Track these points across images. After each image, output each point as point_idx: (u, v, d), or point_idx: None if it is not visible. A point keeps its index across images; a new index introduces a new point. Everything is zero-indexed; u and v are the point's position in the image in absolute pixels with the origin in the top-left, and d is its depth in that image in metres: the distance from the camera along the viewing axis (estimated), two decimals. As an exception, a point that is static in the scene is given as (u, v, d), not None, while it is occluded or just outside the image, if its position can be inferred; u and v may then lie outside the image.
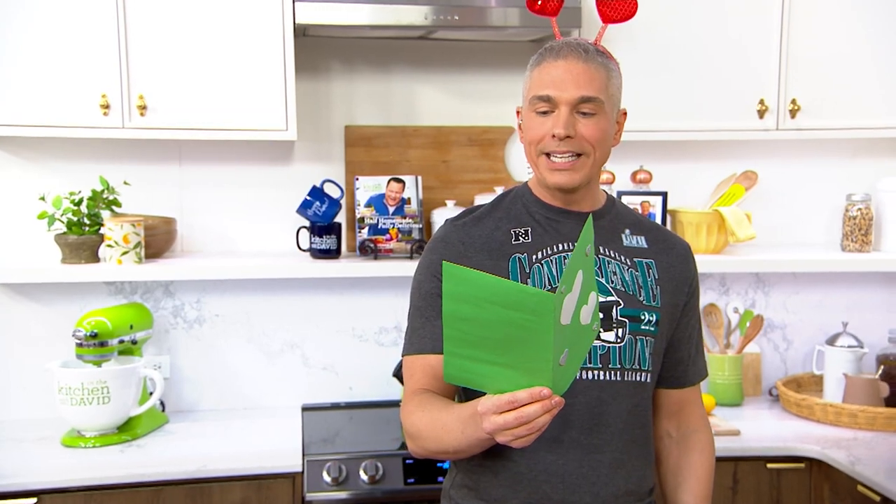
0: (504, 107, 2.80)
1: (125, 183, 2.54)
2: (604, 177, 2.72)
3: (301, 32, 2.54)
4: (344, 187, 2.69)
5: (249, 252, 2.72)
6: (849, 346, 2.67)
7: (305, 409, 2.71)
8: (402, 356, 1.59)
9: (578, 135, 1.47)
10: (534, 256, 1.53)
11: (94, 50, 2.34)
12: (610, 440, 1.50)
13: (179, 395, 2.71)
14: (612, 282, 1.53)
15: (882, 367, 2.63)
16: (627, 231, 1.60)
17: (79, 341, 2.34)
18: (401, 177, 2.62)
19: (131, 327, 2.46)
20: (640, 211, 2.68)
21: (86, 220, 2.47)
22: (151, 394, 2.46)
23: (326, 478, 2.21)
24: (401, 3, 2.38)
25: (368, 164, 2.74)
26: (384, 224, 2.58)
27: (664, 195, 2.69)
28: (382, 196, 2.60)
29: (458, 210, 2.54)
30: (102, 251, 2.46)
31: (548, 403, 1.22)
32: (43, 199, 2.45)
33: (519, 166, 2.85)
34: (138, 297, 2.68)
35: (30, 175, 2.58)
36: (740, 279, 2.93)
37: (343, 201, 2.66)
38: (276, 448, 2.35)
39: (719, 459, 2.34)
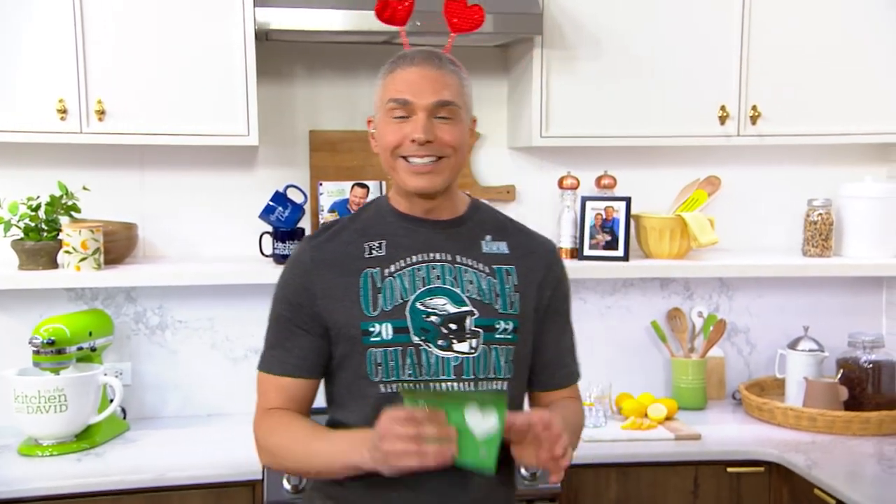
0: (469, 112, 2.79)
1: (84, 188, 2.50)
2: (568, 182, 2.72)
3: (263, 37, 2.51)
4: (309, 192, 2.67)
5: (213, 257, 2.69)
6: (809, 350, 2.69)
7: (269, 415, 2.69)
8: (257, 369, 1.60)
9: (438, 139, 1.48)
10: (386, 270, 1.52)
11: (51, 54, 2.31)
12: None
13: (142, 402, 2.68)
14: (468, 291, 1.52)
15: (841, 370, 2.65)
16: (488, 237, 1.59)
17: (35, 349, 2.31)
18: (365, 182, 2.61)
19: (90, 334, 2.43)
20: (610, 215, 2.69)
21: (43, 226, 2.43)
22: (111, 401, 2.43)
23: (286, 485, 2.18)
24: (362, 9, 2.36)
25: (333, 168, 2.72)
26: (347, 230, 2.55)
27: (628, 200, 2.69)
28: (346, 201, 2.58)
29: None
30: (61, 257, 2.43)
31: (445, 437, 1.30)
32: (-1, 204, 2.42)
33: (485, 171, 2.84)
34: (99, 303, 2.64)
35: (-13, 180, 2.55)
36: (704, 284, 2.94)
37: (307, 206, 2.64)
38: (237, 455, 2.31)
39: (680, 463, 2.39)
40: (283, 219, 2.55)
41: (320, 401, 1.61)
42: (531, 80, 2.56)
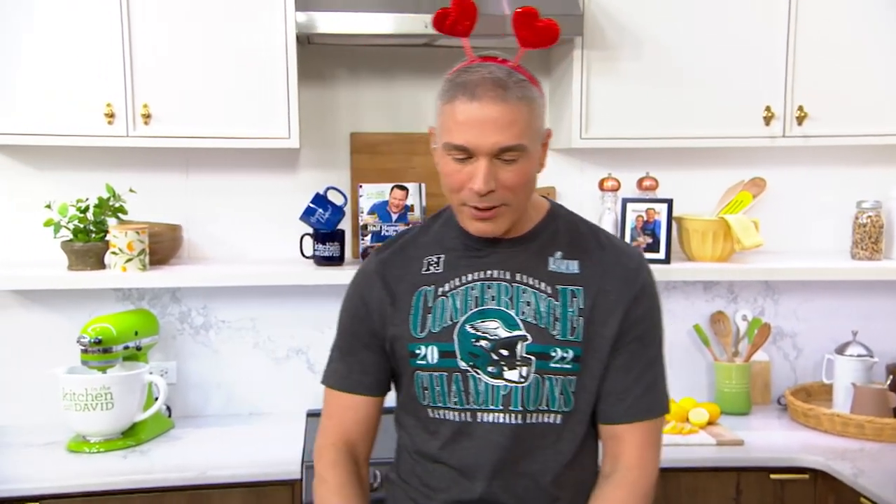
0: (509, 114, 2.78)
1: (131, 190, 2.55)
2: (609, 184, 2.70)
3: (305, 40, 2.54)
4: (349, 194, 2.69)
5: (255, 259, 2.72)
6: (858, 356, 2.62)
7: (311, 414, 2.70)
8: (322, 383, 1.58)
9: (500, 185, 1.34)
10: (440, 289, 1.44)
11: (99, 60, 2.36)
12: (530, 491, 1.42)
13: (186, 401, 2.72)
14: (524, 313, 1.40)
15: (891, 376, 2.58)
16: (559, 254, 1.45)
17: (83, 347, 2.36)
18: (404, 184, 2.61)
19: (136, 333, 2.47)
20: (646, 218, 2.65)
21: (92, 228, 2.48)
22: (156, 399, 2.47)
23: (325, 485, 2.20)
24: (402, 12, 2.37)
25: (373, 171, 2.73)
26: (387, 231, 2.57)
27: (669, 202, 2.66)
28: (386, 203, 2.59)
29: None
30: (108, 258, 2.48)
31: None
32: (49, 206, 2.47)
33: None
34: (145, 303, 2.69)
35: (37, 183, 2.61)
36: (749, 287, 2.88)
37: (347, 208, 2.66)
38: (278, 455, 2.34)
39: (722, 469, 2.34)
40: (323, 221, 2.57)
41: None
42: (571, 81, 2.54)
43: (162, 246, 2.57)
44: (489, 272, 1.43)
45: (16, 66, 2.33)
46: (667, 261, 2.64)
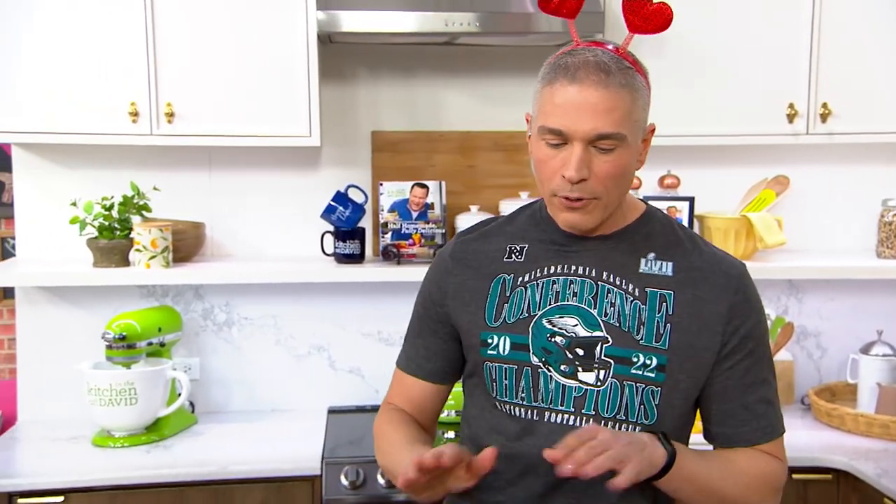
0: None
1: (155, 188, 2.58)
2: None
3: (327, 39, 2.55)
4: (370, 192, 2.70)
5: (277, 256, 2.74)
6: (883, 355, 2.59)
7: (331, 411, 2.72)
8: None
9: (593, 175, 1.26)
10: (520, 278, 1.37)
11: (124, 60, 2.38)
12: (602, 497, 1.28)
13: (208, 397, 2.74)
14: (607, 314, 1.32)
15: (917, 377, 2.55)
16: (651, 255, 1.36)
17: (108, 343, 2.39)
18: (425, 182, 2.61)
19: (159, 330, 2.49)
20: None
21: (116, 225, 2.51)
22: (179, 395, 2.49)
23: (344, 481, 2.21)
24: (422, 10, 2.38)
25: (394, 169, 2.74)
26: (407, 229, 2.57)
27: (691, 200, 2.64)
28: (406, 201, 2.60)
29: (482, 216, 2.53)
30: (132, 255, 2.50)
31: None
32: (74, 204, 2.50)
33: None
34: (169, 300, 2.72)
35: (64, 181, 2.64)
36: (772, 286, 2.85)
37: (368, 206, 2.66)
38: (298, 451, 2.36)
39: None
40: (343, 218, 2.58)
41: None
42: (592, 79, 2.53)
43: (185, 243, 2.59)
44: (574, 267, 1.36)
45: (42, 68, 2.37)
46: (688, 259, 2.62)
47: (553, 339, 1.32)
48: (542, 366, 1.33)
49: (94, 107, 2.39)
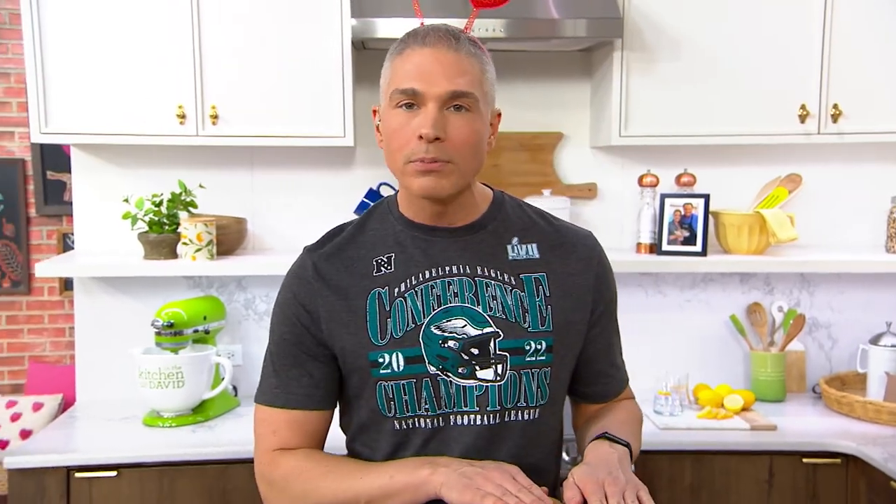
0: (553, 114, 2.79)
1: (200, 186, 2.62)
2: (648, 180, 2.67)
3: (360, 46, 2.57)
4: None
5: (314, 250, 2.76)
6: (892, 346, 2.56)
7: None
8: (256, 403, 1.34)
9: (448, 138, 1.19)
10: (395, 290, 1.26)
11: (172, 66, 2.42)
12: None
13: (250, 381, 2.77)
14: (491, 308, 1.25)
15: (925, 366, 2.51)
16: (515, 240, 1.30)
17: (157, 330, 2.43)
18: (453, 180, 2.62)
19: (205, 318, 2.53)
20: (687, 210, 2.62)
21: (165, 220, 2.55)
22: (223, 379, 2.53)
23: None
24: (451, 17, 2.37)
25: (424, 168, 2.75)
26: (435, 224, 2.58)
27: (706, 197, 2.62)
28: (435, 198, 2.60)
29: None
30: (179, 248, 2.54)
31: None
32: (127, 200, 2.55)
33: (568, 169, 2.82)
34: (214, 290, 2.76)
35: (117, 179, 2.69)
36: (784, 279, 2.83)
37: (399, 203, 2.68)
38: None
39: (755, 453, 2.31)
40: (377, 214, 2.60)
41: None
42: (611, 81, 2.52)
43: (228, 237, 2.62)
44: (447, 268, 1.27)
45: (98, 75, 2.41)
46: (703, 253, 2.60)
47: (446, 345, 1.24)
48: (440, 373, 1.24)
49: (145, 110, 2.43)
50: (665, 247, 2.63)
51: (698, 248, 2.60)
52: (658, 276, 2.78)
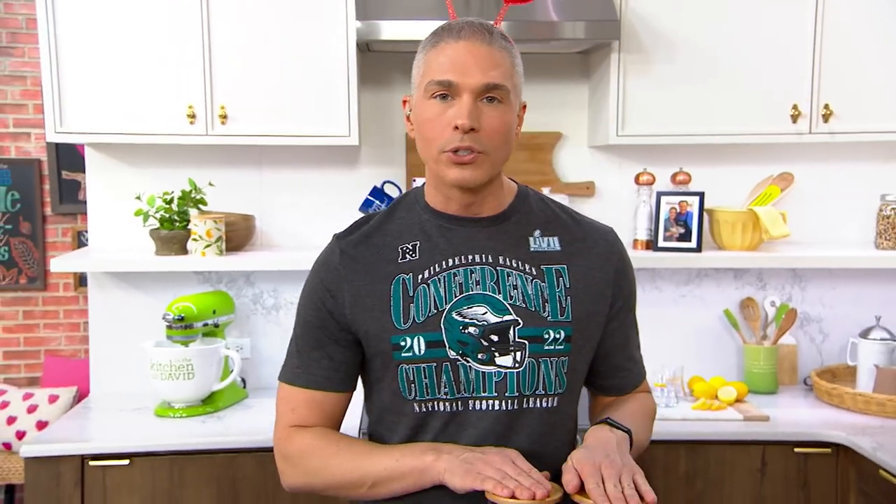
0: (552, 114, 2.79)
1: (210, 184, 2.63)
2: (644, 178, 2.68)
3: (365, 48, 2.57)
4: (405, 187, 2.72)
5: (319, 246, 2.68)
6: (881, 339, 2.56)
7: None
8: (279, 380, 1.37)
9: (482, 128, 1.20)
10: (419, 276, 1.27)
11: (182, 67, 2.43)
12: None
13: (258, 374, 2.79)
14: (512, 297, 1.26)
15: (913, 359, 2.51)
16: (537, 233, 1.31)
17: (168, 323, 2.44)
18: (455, 178, 2.62)
19: (214, 312, 2.54)
20: (681, 208, 2.63)
21: (176, 217, 2.56)
22: (232, 371, 2.53)
23: (380, 449, 2.23)
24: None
25: (427, 167, 2.75)
26: (438, 221, 2.59)
27: (701, 195, 2.63)
28: (437, 196, 2.61)
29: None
30: (189, 244, 2.55)
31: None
32: (139, 198, 2.56)
33: (567, 168, 2.82)
34: (223, 285, 2.77)
35: (129, 177, 2.70)
36: (777, 275, 2.83)
37: (403, 201, 2.69)
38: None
39: (748, 443, 2.31)
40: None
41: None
42: (609, 82, 2.53)
43: (237, 234, 2.63)
44: (471, 257, 1.28)
45: (111, 76, 2.43)
46: (698, 249, 2.61)
47: (466, 331, 1.25)
48: (459, 358, 1.25)
49: (156, 110, 2.44)
50: (661, 243, 2.64)
51: (693, 244, 2.61)
52: (654, 271, 2.79)
